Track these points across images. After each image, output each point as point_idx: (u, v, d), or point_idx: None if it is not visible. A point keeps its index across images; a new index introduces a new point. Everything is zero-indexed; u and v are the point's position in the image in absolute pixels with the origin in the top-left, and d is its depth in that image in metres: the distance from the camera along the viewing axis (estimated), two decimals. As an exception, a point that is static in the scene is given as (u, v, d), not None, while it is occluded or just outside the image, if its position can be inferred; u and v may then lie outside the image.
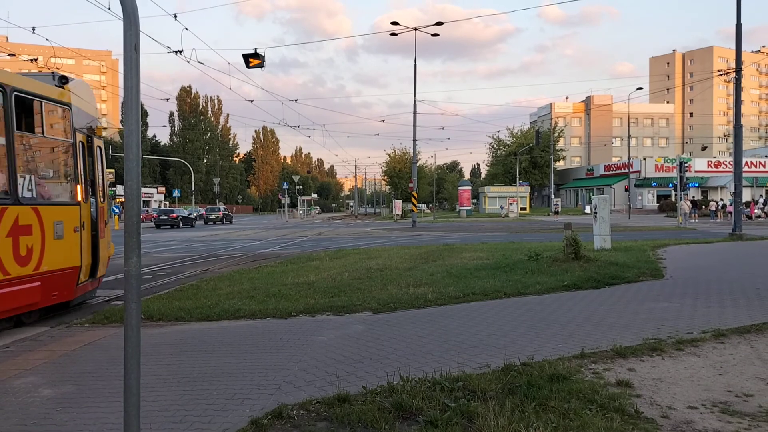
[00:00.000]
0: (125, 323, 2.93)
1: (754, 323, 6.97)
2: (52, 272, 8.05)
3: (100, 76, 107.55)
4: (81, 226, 8.82)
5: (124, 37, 2.82)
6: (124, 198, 2.93)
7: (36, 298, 7.78)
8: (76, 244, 8.67)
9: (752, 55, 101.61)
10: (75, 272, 8.69)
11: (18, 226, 7.31)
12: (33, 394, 4.88)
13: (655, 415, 4.16)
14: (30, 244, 7.55)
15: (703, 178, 64.48)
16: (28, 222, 7.52)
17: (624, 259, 12.94)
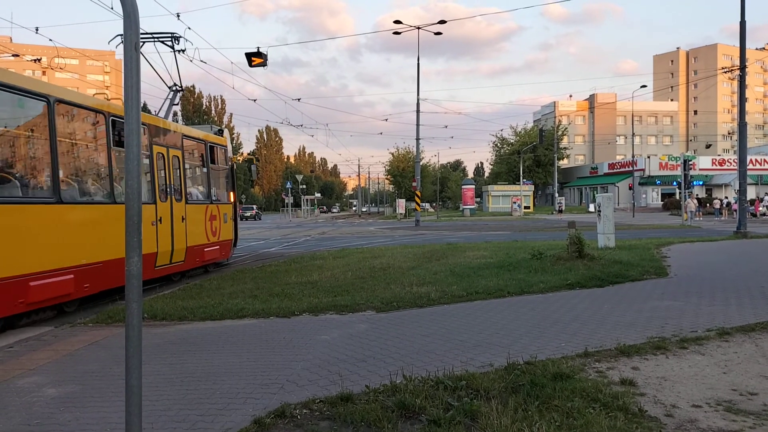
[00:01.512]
0: (126, 323, 2.93)
1: (759, 322, 6.95)
2: (224, 242, 14.65)
3: (103, 76, 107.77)
4: (232, 217, 15.45)
5: (124, 36, 2.81)
6: (125, 198, 2.93)
7: (218, 255, 14.39)
8: (231, 226, 15.31)
9: (756, 53, 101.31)
10: (231, 242, 15.38)
11: (211, 215, 13.78)
12: (36, 394, 4.89)
13: (659, 413, 4.14)
14: (216, 225, 14.03)
15: (707, 176, 64.33)
16: (214, 213, 13.99)
17: (628, 258, 12.91)
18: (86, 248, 9.04)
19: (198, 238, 13.09)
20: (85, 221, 9.20)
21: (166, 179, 11.81)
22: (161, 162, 11.69)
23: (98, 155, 9.98)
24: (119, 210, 9.63)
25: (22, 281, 7.62)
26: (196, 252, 12.93)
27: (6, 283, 7.35)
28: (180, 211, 12.24)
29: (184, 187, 12.56)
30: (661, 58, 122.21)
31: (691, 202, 35.77)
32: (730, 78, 41.72)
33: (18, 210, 7.75)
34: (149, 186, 11.03)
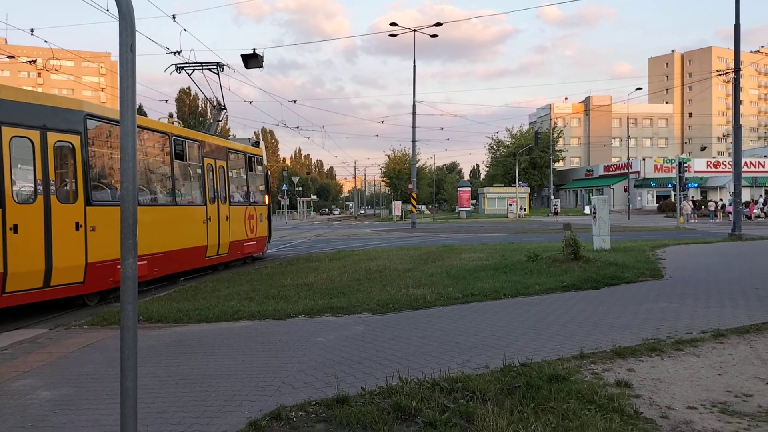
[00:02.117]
0: (122, 325, 2.92)
1: (753, 323, 6.97)
2: (260, 237, 17.06)
3: (99, 78, 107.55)
4: (267, 216, 17.83)
5: (119, 37, 2.81)
6: (121, 200, 2.92)
7: (255, 249, 16.77)
8: (266, 224, 17.73)
9: (751, 56, 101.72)
10: (266, 238, 17.91)
11: (249, 215, 16.06)
12: (31, 397, 4.87)
13: (654, 415, 4.15)
14: (253, 223, 16.34)
15: (702, 178, 64.50)
16: (252, 213, 16.26)
17: (623, 260, 12.93)
18: (155, 241, 11.42)
19: (239, 234, 15.51)
20: (155, 219, 11.67)
21: (214, 185, 14.17)
22: (210, 171, 14.05)
23: (164, 167, 12.43)
24: (180, 210, 12.76)
25: (113, 264, 9.97)
26: (237, 246, 15.41)
27: (103, 265, 9.85)
28: (225, 211, 14.62)
29: (228, 191, 14.93)
30: (656, 60, 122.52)
31: (686, 205, 35.90)
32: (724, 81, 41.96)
33: (110, 211, 10.01)
34: (201, 191, 13.57)
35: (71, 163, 9.56)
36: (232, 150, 15.57)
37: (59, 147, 9.31)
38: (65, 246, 9.21)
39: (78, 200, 9.53)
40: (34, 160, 8.94)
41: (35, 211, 8.87)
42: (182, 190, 13.17)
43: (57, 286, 9.17)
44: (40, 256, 8.88)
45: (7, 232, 8.43)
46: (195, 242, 13.16)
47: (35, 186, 8.92)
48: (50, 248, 9.00)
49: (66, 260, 9.22)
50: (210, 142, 14.33)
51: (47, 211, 9.00)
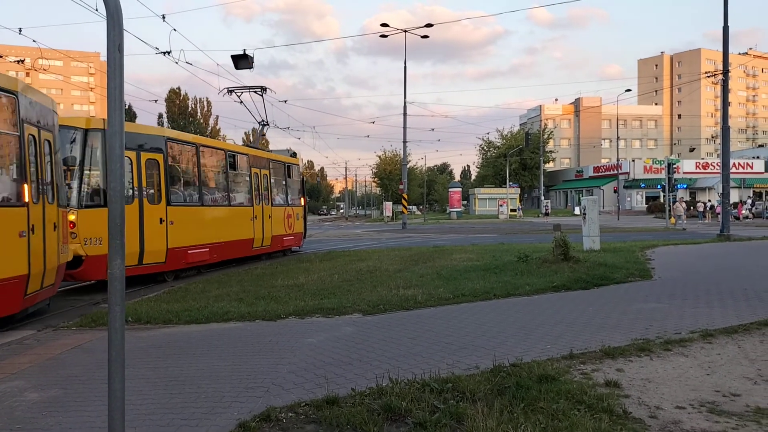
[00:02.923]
0: (109, 326, 2.89)
1: (741, 323, 7.01)
2: (297, 233, 19.87)
3: (88, 77, 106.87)
4: (303, 215, 20.56)
5: (107, 36, 2.78)
6: (108, 200, 2.89)
7: (293, 243, 19.54)
8: (302, 222, 20.54)
9: (739, 57, 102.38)
10: (302, 234, 20.72)
11: (287, 214, 18.81)
12: (18, 399, 4.83)
13: (643, 415, 4.16)
14: (291, 221, 19.04)
15: (691, 179, 64.94)
16: (290, 213, 19.04)
17: (613, 260, 12.99)
18: (215, 233, 14.59)
19: (279, 230, 18.55)
20: (215, 217, 14.90)
21: (258, 190, 17.23)
22: (256, 178, 17.11)
23: (221, 176, 15.57)
24: (233, 210, 15.90)
25: (185, 249, 13.19)
26: (278, 239, 18.42)
27: (178, 249, 12.91)
28: (268, 211, 17.67)
29: (271, 195, 18.06)
30: (646, 62, 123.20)
31: (679, 206, 35.50)
32: (713, 82, 42.17)
33: (183, 209, 13.38)
34: (248, 194, 16.71)
35: (156, 174, 12.59)
36: (273, 160, 18.62)
37: (148, 162, 12.40)
38: (153, 235, 12.28)
39: (161, 202, 12.62)
40: (132, 173, 12.05)
41: (133, 210, 11.94)
42: (235, 193, 16.19)
43: (147, 264, 12.22)
44: (136, 242, 11.98)
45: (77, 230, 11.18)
46: (244, 235, 16.25)
47: (133, 191, 12.04)
48: (143, 236, 12.09)
49: (153, 245, 12.28)
50: (255, 155, 17.48)
51: (141, 210, 12.11)
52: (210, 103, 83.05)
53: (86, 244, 11.14)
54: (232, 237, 15.36)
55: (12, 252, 7.56)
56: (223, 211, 15.29)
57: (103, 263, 9.73)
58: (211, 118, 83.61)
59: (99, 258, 10.78)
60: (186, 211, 13.43)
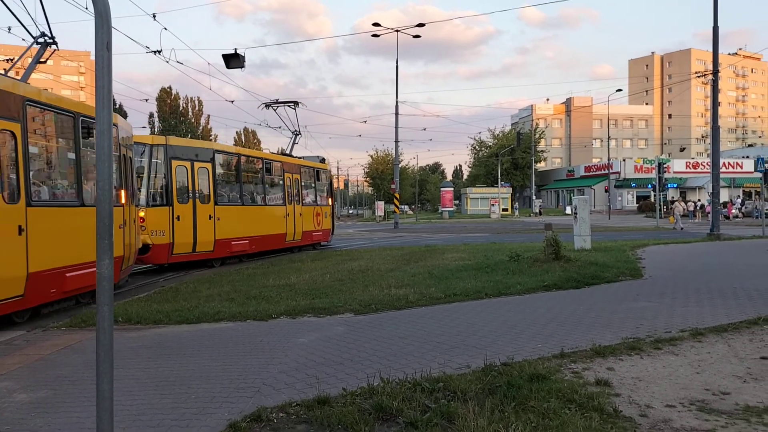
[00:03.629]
0: (97, 326, 2.87)
1: (731, 322, 7.06)
2: (325, 230, 22.96)
3: (78, 76, 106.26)
4: (331, 214, 23.66)
5: (95, 35, 2.76)
6: (96, 200, 2.87)
7: (321, 238, 22.64)
8: (330, 220, 23.61)
9: (729, 58, 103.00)
10: (330, 230, 23.76)
11: (316, 213, 21.94)
12: (7, 400, 4.79)
13: (633, 413, 4.18)
14: (319, 219, 22.13)
15: (681, 178, 65.28)
16: (318, 212, 22.19)
17: (604, 259, 13.04)
18: (254, 228, 17.29)
19: (309, 226, 21.39)
20: (253, 214, 17.52)
21: (290, 192, 19.88)
22: (288, 182, 19.85)
23: (259, 180, 18.35)
24: (269, 209, 18.53)
25: (229, 241, 15.98)
26: (307, 235, 21.30)
27: (224, 240, 15.65)
28: (299, 210, 20.48)
29: (301, 196, 20.91)
30: (636, 62, 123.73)
31: (678, 206, 34.89)
32: (703, 82, 42.32)
33: (227, 208, 16.07)
34: (282, 196, 19.33)
35: (206, 180, 15.31)
36: (303, 166, 21.47)
37: (200, 170, 15.12)
38: (203, 229, 14.98)
39: (210, 202, 15.36)
40: (187, 179, 14.78)
41: (188, 208, 14.73)
42: (270, 195, 18.87)
43: (198, 252, 14.97)
44: (191, 234, 14.71)
45: (174, 220, 14.38)
46: (278, 230, 19.02)
47: (188, 193, 14.80)
48: (196, 230, 14.81)
49: (204, 237, 15.01)
50: (287, 162, 20.24)
51: (194, 208, 14.84)
52: (201, 103, 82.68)
53: (153, 235, 14.04)
54: (267, 231, 18.20)
55: (117, 239, 10.08)
56: (260, 209, 18.03)
57: (164, 250, 14.07)
58: (203, 117, 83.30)
59: (162, 246, 14.10)
60: (230, 210, 16.23)
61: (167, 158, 14.44)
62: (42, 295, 8.45)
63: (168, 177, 14.38)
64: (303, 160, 21.98)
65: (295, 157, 21.99)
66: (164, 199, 14.34)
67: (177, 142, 15.12)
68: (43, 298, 8.45)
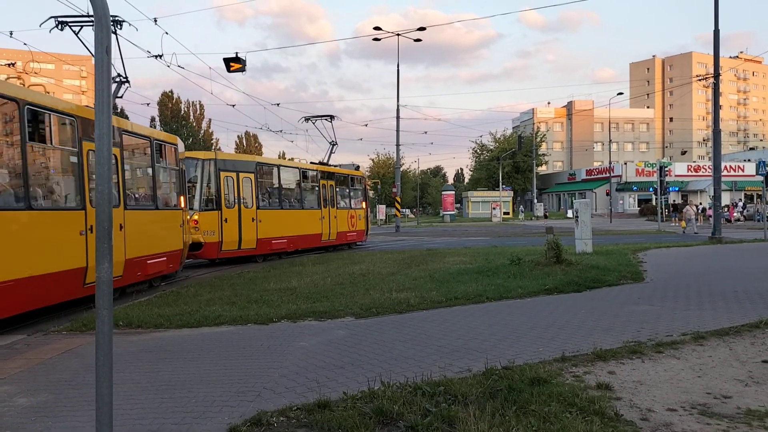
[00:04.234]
0: (97, 330, 2.87)
1: (732, 326, 7.04)
2: (359, 230, 25.55)
3: (80, 81, 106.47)
4: (365, 216, 26.25)
5: (95, 39, 2.77)
6: (96, 204, 2.87)
7: (356, 238, 25.33)
8: (364, 222, 26.17)
9: (730, 61, 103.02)
10: (365, 231, 26.38)
11: (350, 215, 24.60)
12: (8, 404, 4.79)
13: (634, 417, 4.17)
14: (353, 221, 24.89)
15: (683, 182, 65.23)
16: (353, 215, 24.86)
17: (605, 263, 13.02)
18: (293, 228, 19.76)
19: (343, 227, 23.77)
20: (293, 217, 20.05)
21: (325, 196, 22.20)
22: (323, 188, 22.16)
23: (296, 187, 20.84)
24: (306, 212, 20.94)
25: (269, 240, 18.44)
26: (342, 235, 23.64)
27: (265, 239, 18.13)
28: (333, 213, 22.79)
29: (336, 200, 23.20)
30: (638, 65, 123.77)
31: (690, 209, 33.51)
32: (704, 86, 42.33)
33: (268, 212, 18.53)
34: (317, 200, 21.75)
35: (250, 188, 17.73)
36: (337, 173, 23.87)
37: (244, 180, 17.53)
38: (247, 229, 17.48)
39: (253, 207, 17.76)
40: (233, 187, 17.22)
41: (234, 212, 17.19)
42: (306, 200, 21.35)
43: (243, 249, 17.49)
44: (236, 233, 17.15)
45: (222, 222, 16.78)
46: (314, 231, 21.42)
47: (234, 199, 17.24)
48: (240, 230, 17.22)
49: (248, 236, 17.49)
50: (322, 170, 22.33)
51: (239, 212, 17.29)
52: (203, 107, 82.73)
53: (205, 234, 16.35)
54: (304, 232, 20.63)
55: (179, 235, 13.27)
56: (297, 213, 20.46)
57: (215, 247, 16.58)
58: (204, 121, 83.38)
59: (212, 244, 16.52)
60: (270, 213, 18.68)
61: (216, 170, 16.92)
62: (132, 276, 11.18)
63: (217, 186, 16.89)
64: (337, 168, 24.46)
65: (331, 165, 24.09)
66: (214, 205, 16.80)
67: (224, 157, 17.75)
68: (133, 278, 11.21)
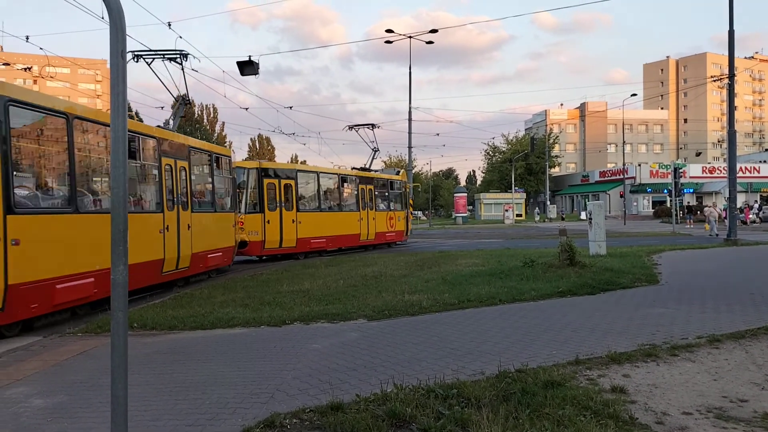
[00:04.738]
0: (112, 332, 2.89)
1: (748, 328, 6.97)
2: (398, 231, 27.05)
3: (95, 85, 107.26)
4: (405, 218, 27.69)
5: (110, 43, 2.80)
6: (111, 207, 2.89)
7: (395, 238, 26.93)
8: (404, 223, 27.58)
9: (745, 61, 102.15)
10: (404, 231, 27.76)
11: (389, 217, 26.25)
12: (24, 405, 4.83)
13: (649, 421, 4.13)
14: (393, 222, 26.50)
15: (697, 183, 64.63)
16: (392, 216, 26.44)
17: (619, 265, 12.94)
18: (330, 229, 21.48)
19: (382, 228, 25.48)
20: (331, 218, 21.83)
21: (364, 199, 23.99)
22: (362, 191, 24.01)
23: (335, 191, 22.75)
24: (344, 214, 22.81)
25: (309, 239, 20.31)
26: (381, 235, 25.39)
27: (305, 239, 20.06)
28: (372, 215, 24.60)
29: (375, 202, 24.98)
30: (651, 66, 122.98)
31: (714, 211, 32.21)
32: (719, 86, 42.00)
33: (306, 215, 20.37)
34: (356, 202, 23.60)
35: (290, 192, 19.74)
36: (377, 178, 25.78)
37: (285, 186, 19.54)
38: (288, 230, 19.42)
39: (293, 209, 19.70)
40: (275, 192, 19.19)
41: (275, 214, 19.09)
42: (346, 202, 23.25)
43: (284, 248, 19.42)
44: (278, 234, 19.08)
45: (265, 223, 18.65)
46: (352, 231, 23.23)
47: (276, 203, 19.14)
48: (281, 230, 19.20)
49: (288, 236, 19.45)
50: (361, 175, 24.42)
51: (280, 214, 19.22)
52: (216, 110, 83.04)
53: (249, 234, 18.22)
54: (343, 232, 22.50)
55: (231, 234, 15.58)
56: (335, 214, 22.33)
57: (258, 246, 18.75)
58: (218, 124, 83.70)
59: (256, 242, 18.47)
60: (309, 215, 20.67)
61: (260, 177, 18.92)
62: (196, 267, 13.31)
63: (260, 191, 18.87)
64: (377, 173, 26.68)
65: (371, 170, 26.48)
66: (257, 208, 18.76)
67: (267, 165, 20.00)
68: (196, 270, 13.31)
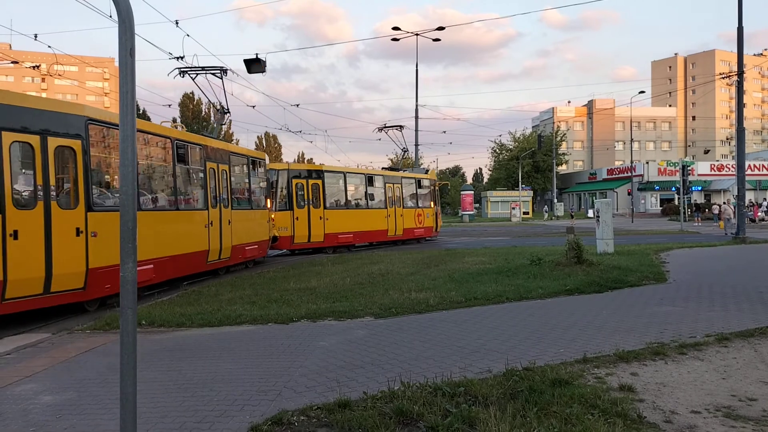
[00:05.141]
0: (121, 329, 2.90)
1: (758, 327, 6.93)
2: (426, 227, 28.00)
3: (102, 83, 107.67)
4: (434, 214, 28.71)
5: (119, 41, 2.80)
6: (120, 204, 2.90)
7: (423, 234, 27.75)
8: (432, 219, 28.52)
9: (754, 58, 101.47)
10: (433, 228, 28.86)
11: (417, 214, 27.26)
12: (33, 401, 4.87)
13: (658, 419, 4.12)
14: (420, 219, 27.44)
15: (706, 181, 64.31)
16: (419, 213, 27.42)
17: (627, 263, 12.89)
18: (357, 224, 22.57)
19: (410, 224, 26.41)
20: (361, 215, 23.09)
21: (392, 197, 25.15)
22: (389, 190, 25.03)
23: (361, 189, 23.75)
24: (373, 211, 23.88)
25: (336, 234, 21.54)
26: (408, 231, 26.28)
27: (332, 234, 21.29)
28: (399, 212, 25.57)
29: (402, 199, 26.01)
30: (659, 64, 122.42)
31: (728, 208, 31.15)
32: (728, 84, 41.80)
33: (335, 211, 21.66)
34: (384, 200, 24.64)
35: (318, 191, 20.96)
36: (404, 177, 27.01)
37: (313, 186, 20.89)
38: (316, 226, 20.73)
39: (321, 207, 20.97)
40: (304, 191, 20.55)
41: (304, 212, 20.44)
42: (373, 200, 24.25)
43: (313, 242, 20.78)
44: (306, 229, 20.41)
45: (294, 220, 20.23)
46: (380, 227, 24.34)
47: (304, 201, 20.66)
48: (310, 226, 20.57)
49: (316, 232, 20.74)
50: (387, 174, 25.97)
51: (308, 211, 20.55)
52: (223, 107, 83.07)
53: (279, 230, 19.74)
54: (370, 228, 23.65)
55: (266, 229, 17.45)
56: (363, 211, 23.50)
57: (288, 240, 20.40)
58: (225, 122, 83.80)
59: (286, 237, 19.97)
60: (336, 212, 21.80)
61: (289, 178, 20.43)
62: (236, 258, 15.11)
63: (289, 191, 20.40)
64: (405, 173, 27.97)
65: (398, 169, 28.70)
66: (287, 206, 20.28)
67: (296, 167, 21.89)
68: (236, 260, 15.13)
